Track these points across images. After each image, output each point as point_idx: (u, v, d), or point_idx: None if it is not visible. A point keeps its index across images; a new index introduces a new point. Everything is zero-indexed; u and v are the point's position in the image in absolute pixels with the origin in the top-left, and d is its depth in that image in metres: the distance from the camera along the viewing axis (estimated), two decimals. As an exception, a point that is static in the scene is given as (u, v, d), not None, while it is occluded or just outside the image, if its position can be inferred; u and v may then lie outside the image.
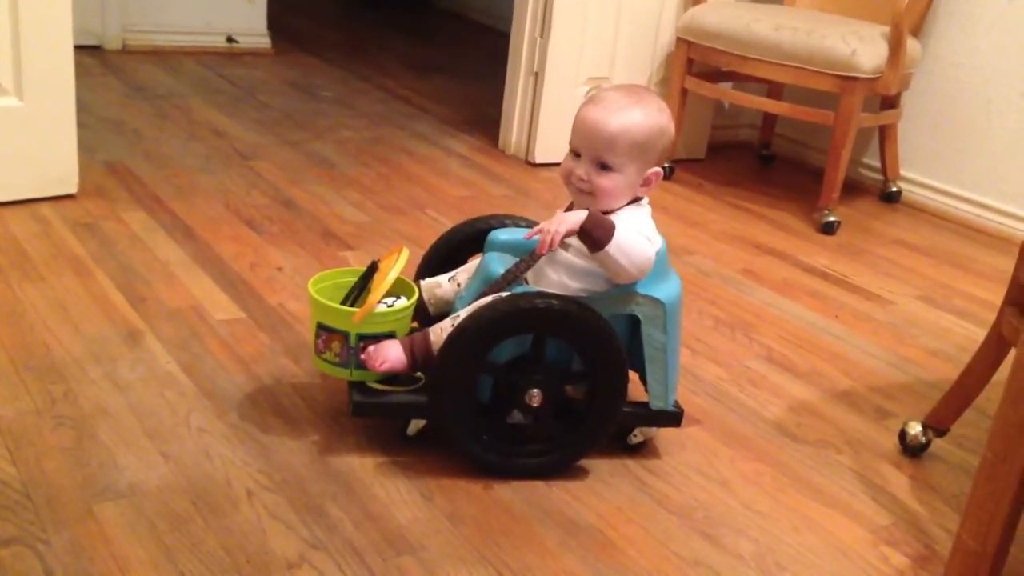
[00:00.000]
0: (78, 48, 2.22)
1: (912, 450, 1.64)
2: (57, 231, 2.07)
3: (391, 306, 1.44)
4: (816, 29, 2.65)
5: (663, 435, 1.60)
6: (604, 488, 1.46)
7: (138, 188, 2.36)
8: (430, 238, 2.28)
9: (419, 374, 1.45)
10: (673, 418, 1.52)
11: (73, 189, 2.24)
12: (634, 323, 1.46)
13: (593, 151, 1.40)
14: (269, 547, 1.24)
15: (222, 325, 1.77)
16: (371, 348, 1.40)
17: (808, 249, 2.56)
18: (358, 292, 1.51)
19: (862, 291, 2.33)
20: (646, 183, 1.45)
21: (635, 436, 1.54)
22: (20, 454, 1.35)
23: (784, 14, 2.83)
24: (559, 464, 1.46)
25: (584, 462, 1.50)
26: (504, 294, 1.41)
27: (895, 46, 2.59)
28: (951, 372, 1.77)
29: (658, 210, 2.69)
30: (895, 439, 1.68)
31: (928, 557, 1.40)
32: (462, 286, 1.53)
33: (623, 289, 1.43)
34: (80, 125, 2.24)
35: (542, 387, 1.42)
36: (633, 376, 1.48)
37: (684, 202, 2.81)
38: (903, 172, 3.04)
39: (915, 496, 1.54)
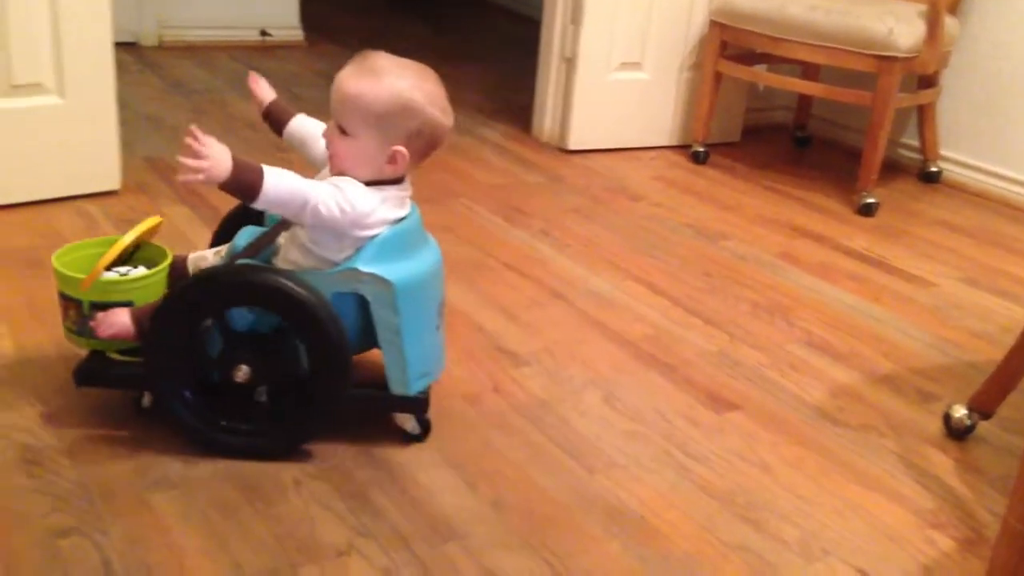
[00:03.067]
0: (116, 45, 2.24)
1: (957, 433, 1.64)
2: (101, 227, 2.10)
3: (125, 275, 1.44)
4: (852, 9, 2.62)
5: (703, 421, 1.61)
6: (645, 474, 1.46)
7: (179, 183, 2.39)
8: (465, 227, 2.30)
9: None
10: (414, 405, 1.46)
11: (116, 185, 2.28)
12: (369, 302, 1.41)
13: (334, 112, 1.38)
14: (317, 534, 1.26)
15: (264, 317, 1.79)
16: (100, 315, 1.39)
17: (846, 231, 2.54)
18: (128, 260, 1.51)
19: (903, 273, 2.31)
20: (391, 161, 1.38)
21: (405, 423, 1.49)
22: (75, 447, 1.38)
23: (818, -6, 2.80)
24: (283, 443, 1.42)
25: (624, 450, 1.51)
26: (216, 267, 1.41)
27: (933, 24, 2.55)
28: (995, 354, 1.76)
29: (692, 194, 2.71)
30: (939, 422, 1.67)
31: (975, 540, 1.39)
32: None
33: (345, 266, 1.38)
34: (120, 121, 2.27)
35: (250, 363, 1.38)
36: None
37: (718, 186, 2.80)
38: (942, 152, 3.01)
39: (961, 479, 1.53)
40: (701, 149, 2.96)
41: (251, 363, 1.39)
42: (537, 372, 1.71)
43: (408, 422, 1.49)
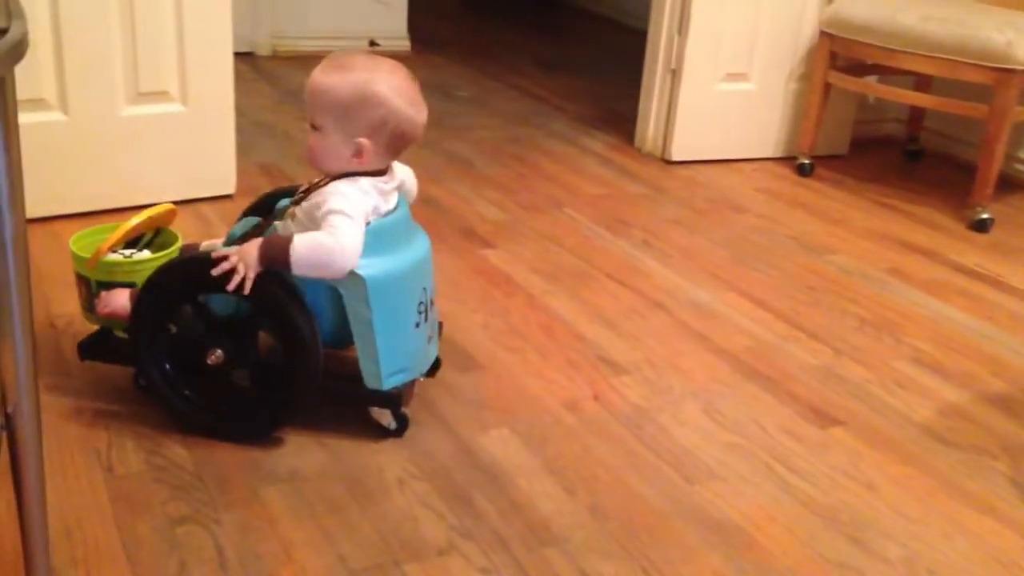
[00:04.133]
0: (233, 55, 2.33)
1: (1073, 458, 1.58)
2: (216, 228, 2.19)
3: (128, 257, 1.49)
4: (968, 19, 2.55)
5: (806, 436, 1.59)
6: (746, 487, 1.45)
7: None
8: (568, 236, 2.32)
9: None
10: (387, 400, 1.47)
11: (231, 189, 2.37)
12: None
13: (307, 108, 1.43)
14: (420, 533, 1.29)
15: (371, 320, 1.84)
16: (103, 294, 1.45)
17: (959, 247, 2.47)
18: (146, 245, 1.59)
19: (1018, 292, 2.23)
20: (357, 154, 1.41)
21: (381, 418, 1.49)
22: (192, 439, 1.44)
23: (932, 4, 2.73)
24: (256, 429, 1.45)
25: (725, 461, 1.50)
26: (192, 255, 1.48)
27: (1055, 35, 2.47)
28: (1117, 377, 1.69)
29: (797, 207, 2.67)
30: (1054, 446, 1.61)
31: (1091, 569, 1.34)
32: None
33: None
34: (236, 129, 2.36)
35: (224, 347, 1.42)
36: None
37: (824, 199, 2.75)
38: (1062, 167, 2.89)
39: (1077, 506, 1.48)
40: (807, 161, 2.91)
41: (226, 348, 1.43)
42: (637, 381, 1.72)
43: (384, 417, 1.50)
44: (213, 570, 1.20)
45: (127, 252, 1.54)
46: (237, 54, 3.53)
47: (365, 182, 1.43)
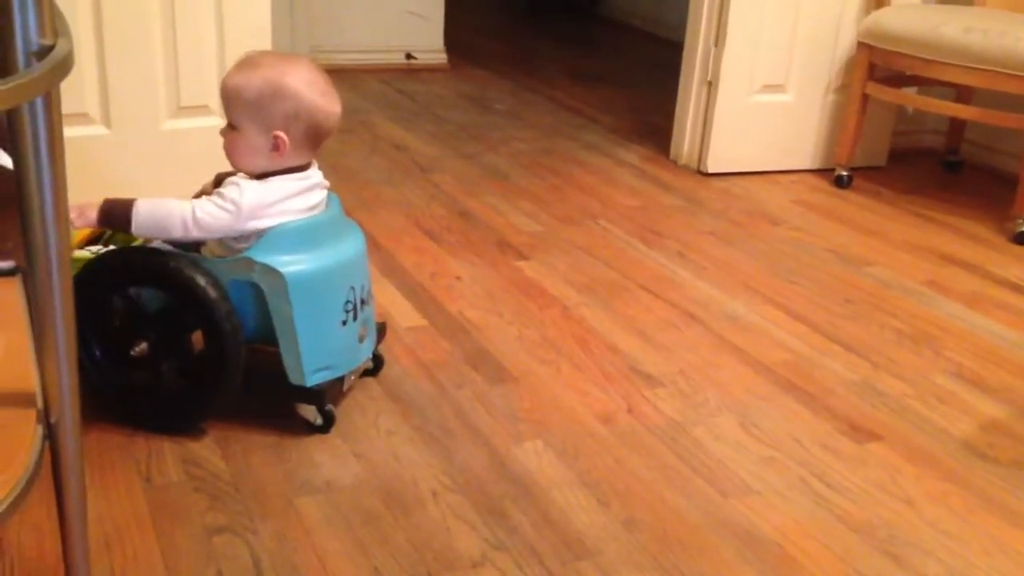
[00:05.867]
0: (274, 70, 2.36)
1: (1118, 475, 1.55)
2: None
3: (96, 252, 1.55)
4: (1009, 31, 2.52)
5: (843, 450, 1.57)
6: (781, 501, 1.44)
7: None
8: (602, 248, 2.32)
9: None
10: (311, 396, 1.49)
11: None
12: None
13: (223, 109, 1.47)
14: (454, 545, 1.30)
15: (407, 332, 1.85)
16: None
17: (1000, 260, 2.43)
18: (107, 242, 1.63)
19: (1060, 305, 2.20)
20: (274, 148, 1.44)
21: (308, 414, 1.52)
22: (229, 450, 1.46)
23: (974, 15, 2.70)
24: (180, 419, 1.48)
25: (760, 475, 1.49)
26: (120, 248, 1.52)
27: (1099, 44, 2.43)
28: None
29: (834, 219, 2.65)
30: (1099, 463, 1.58)
31: None
32: None
33: (241, 255, 1.43)
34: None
35: (151, 340, 1.45)
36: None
37: (862, 211, 2.73)
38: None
39: (1122, 524, 1.45)
40: (845, 173, 2.89)
41: (151, 340, 1.46)
42: (671, 394, 1.71)
43: (309, 412, 1.52)
44: (249, 579, 1.21)
45: (92, 248, 1.59)
46: (276, 68, 3.58)
47: (288, 181, 1.47)
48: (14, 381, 1.10)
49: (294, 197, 1.47)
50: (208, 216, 1.42)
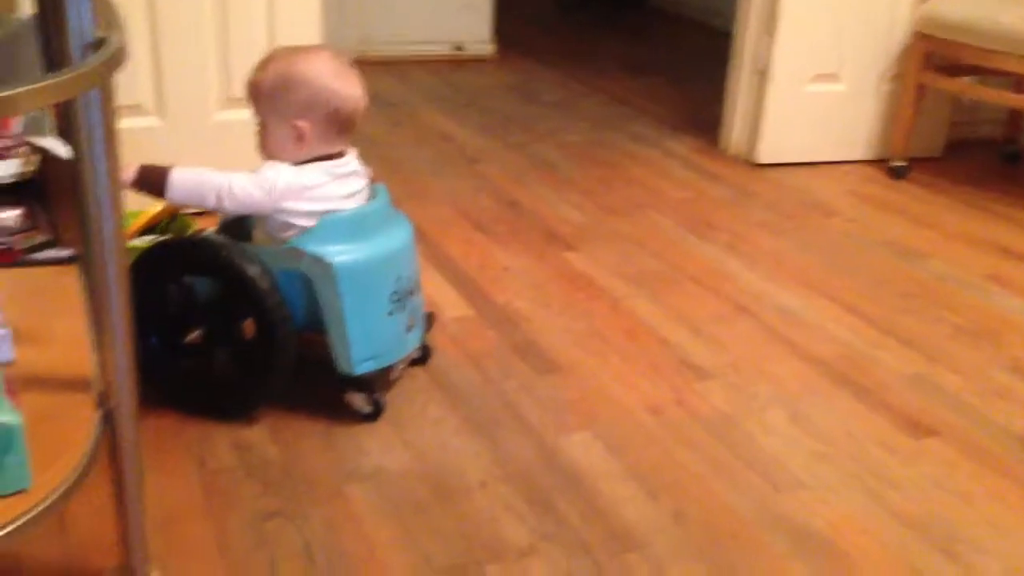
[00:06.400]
0: (325, 61, 2.38)
1: None
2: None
3: (151, 242, 1.57)
4: (1073, 16, 2.45)
5: (898, 446, 1.54)
6: (834, 497, 1.42)
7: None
8: (651, 239, 2.31)
9: None
10: (360, 385, 1.49)
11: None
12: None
13: (250, 105, 1.50)
14: (502, 535, 1.30)
15: (454, 323, 1.85)
16: None
17: (1060, 253, 2.38)
18: (163, 231, 1.67)
19: (1124, 299, 2.14)
20: (298, 138, 1.46)
21: (355, 402, 1.51)
22: (280, 436, 1.47)
23: (1035, 1, 2.63)
24: (232, 406, 1.49)
25: (812, 470, 1.47)
26: (174, 238, 1.56)
27: None
28: None
29: (889, 211, 2.60)
30: None
31: None
32: None
33: (289, 244, 1.44)
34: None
35: (204, 328, 1.48)
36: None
37: (918, 202, 2.67)
38: None
39: None
40: (900, 164, 2.84)
41: (204, 327, 1.49)
42: (721, 386, 1.69)
43: (357, 400, 1.52)
44: (301, 566, 1.22)
45: (148, 238, 1.62)
46: (326, 60, 3.60)
47: (310, 168, 1.48)
48: (74, 367, 1.12)
49: (330, 183, 1.48)
50: (242, 191, 1.44)
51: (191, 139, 2.22)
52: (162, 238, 1.61)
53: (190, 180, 1.45)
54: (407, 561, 1.24)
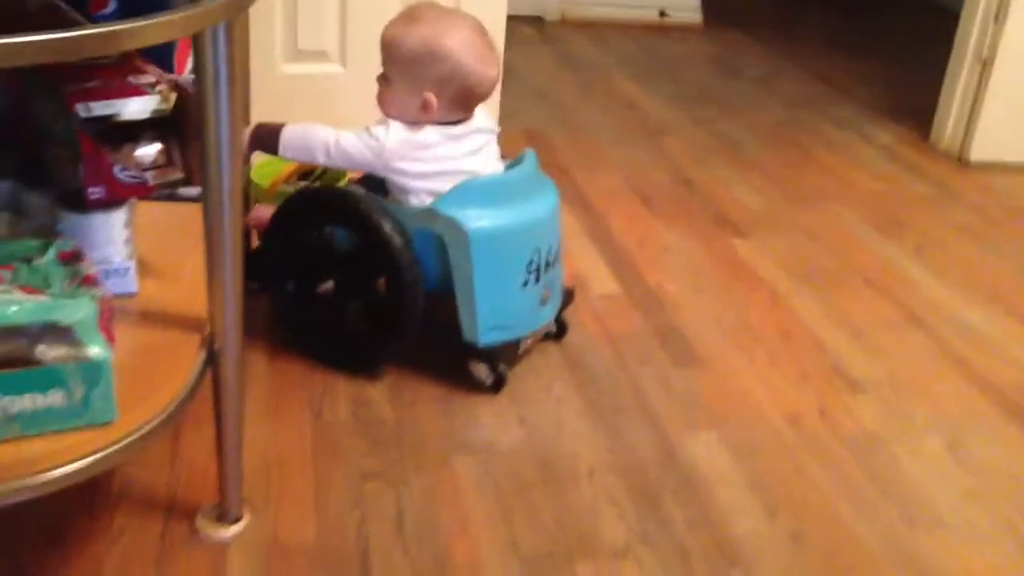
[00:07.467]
0: (520, 18, 2.32)
1: None
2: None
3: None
4: None
5: (1067, 495, 1.37)
6: (979, 541, 1.28)
7: (548, 155, 2.46)
8: (829, 233, 2.16)
9: None
10: (483, 355, 1.46)
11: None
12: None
13: (382, 59, 1.45)
14: (599, 530, 1.24)
15: (599, 300, 1.80)
16: (256, 206, 1.58)
17: None
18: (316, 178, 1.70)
19: None
20: (424, 108, 1.42)
21: (478, 372, 1.48)
22: (398, 398, 1.47)
23: None
24: (357, 361, 1.49)
25: (959, 508, 1.33)
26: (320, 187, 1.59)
27: None
28: None
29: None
30: None
31: None
32: None
33: (424, 206, 1.42)
34: (509, 92, 2.33)
35: (337, 279, 1.48)
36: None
37: None
38: None
39: None
40: None
41: (338, 280, 1.49)
42: (873, 401, 1.56)
43: (480, 370, 1.48)
44: (389, 530, 1.21)
45: (300, 184, 1.65)
46: (524, 17, 3.58)
47: (426, 129, 1.44)
48: (191, 306, 1.15)
49: (445, 143, 1.45)
50: (350, 147, 1.44)
51: (373, 87, 2.23)
52: (312, 185, 1.64)
53: (299, 136, 1.46)
54: (496, 542, 1.21)
